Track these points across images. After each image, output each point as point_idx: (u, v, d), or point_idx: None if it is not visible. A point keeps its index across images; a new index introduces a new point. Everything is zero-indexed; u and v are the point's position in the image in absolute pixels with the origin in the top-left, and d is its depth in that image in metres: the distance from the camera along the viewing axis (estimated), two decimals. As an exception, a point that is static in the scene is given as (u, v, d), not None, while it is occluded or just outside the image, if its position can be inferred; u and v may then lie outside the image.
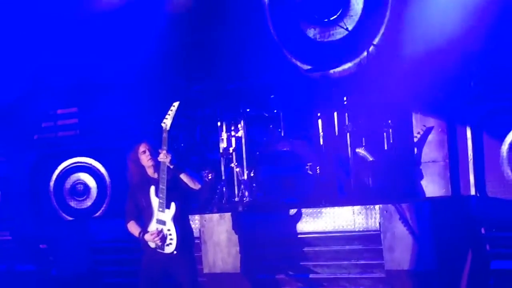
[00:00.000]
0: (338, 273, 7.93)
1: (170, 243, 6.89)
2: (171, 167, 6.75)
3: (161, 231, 6.85)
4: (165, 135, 6.82)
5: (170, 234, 6.86)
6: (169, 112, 6.91)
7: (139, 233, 6.97)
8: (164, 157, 6.74)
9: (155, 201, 6.88)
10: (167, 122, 6.87)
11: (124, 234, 9.03)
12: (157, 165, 6.86)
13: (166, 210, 6.82)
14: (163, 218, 6.85)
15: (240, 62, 10.73)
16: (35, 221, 10.76)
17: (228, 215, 7.91)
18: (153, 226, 6.89)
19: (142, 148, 7.01)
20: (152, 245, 6.93)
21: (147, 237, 6.90)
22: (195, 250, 7.19)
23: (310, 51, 10.50)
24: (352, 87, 9.53)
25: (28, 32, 11.03)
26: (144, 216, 7.02)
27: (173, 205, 6.83)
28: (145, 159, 6.95)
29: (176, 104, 6.93)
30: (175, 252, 6.87)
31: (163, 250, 6.91)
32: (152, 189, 6.88)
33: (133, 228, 7.05)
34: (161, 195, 6.81)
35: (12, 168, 11.16)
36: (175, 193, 6.85)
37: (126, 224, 7.11)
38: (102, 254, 9.53)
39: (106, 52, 10.99)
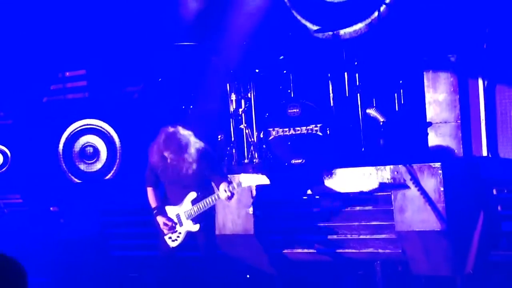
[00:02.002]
0: (348, 235, 7.92)
1: (175, 240, 6.90)
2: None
3: (174, 226, 6.85)
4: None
5: (179, 234, 6.87)
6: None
7: (154, 209, 6.96)
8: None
9: (187, 202, 6.84)
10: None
11: (133, 197, 9.10)
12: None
13: (190, 222, 6.81)
14: (183, 221, 6.84)
15: (248, 23, 10.60)
16: (45, 184, 10.77)
17: (237, 177, 7.87)
18: (171, 213, 6.87)
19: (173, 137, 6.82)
20: (159, 223, 6.93)
21: (158, 218, 6.90)
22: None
23: (319, 11, 10.35)
24: (362, 48, 9.41)
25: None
26: (168, 190, 6.97)
27: (197, 226, 6.84)
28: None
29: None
30: (171, 247, 6.91)
31: (165, 237, 6.91)
32: (192, 195, 6.83)
33: (151, 197, 7.04)
34: (195, 209, 6.80)
35: (21, 131, 11.15)
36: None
37: (146, 186, 7.10)
38: (112, 216, 9.55)
39: (113, 13, 10.90)
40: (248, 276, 8.35)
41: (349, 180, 7.79)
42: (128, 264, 9.29)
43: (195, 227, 6.86)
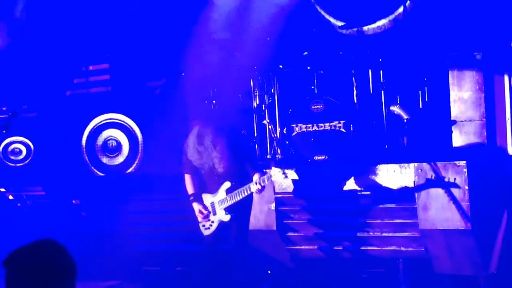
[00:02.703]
0: (370, 232, 7.88)
1: (208, 228, 6.93)
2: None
3: (208, 215, 6.88)
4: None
5: (212, 222, 6.89)
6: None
7: (191, 196, 7.00)
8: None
9: (222, 192, 6.86)
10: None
11: (155, 191, 9.12)
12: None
13: (222, 212, 6.84)
14: (217, 210, 6.86)
15: (272, 19, 10.58)
16: (68, 177, 10.82)
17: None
18: (206, 201, 6.90)
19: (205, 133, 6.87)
20: (195, 210, 6.98)
21: (194, 205, 6.94)
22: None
23: (344, 7, 10.30)
24: (387, 44, 9.35)
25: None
26: (206, 179, 7.00)
27: (228, 217, 6.86)
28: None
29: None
30: (205, 234, 6.94)
31: (199, 224, 6.96)
32: (227, 184, 6.85)
33: (188, 184, 7.10)
34: (228, 199, 6.82)
35: (45, 124, 11.21)
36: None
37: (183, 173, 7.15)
38: (134, 209, 9.56)
39: (138, 7, 10.92)
40: (269, 272, 8.33)
41: (372, 177, 7.75)
42: (149, 258, 9.30)
43: (227, 217, 6.89)
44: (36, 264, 2.68)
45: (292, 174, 6.85)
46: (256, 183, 6.65)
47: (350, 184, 7.88)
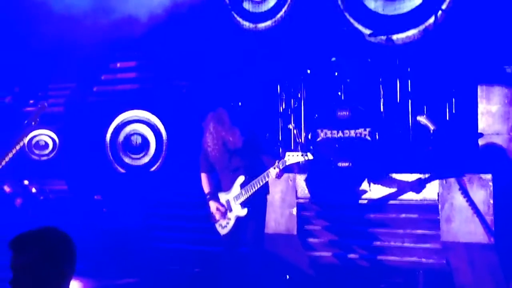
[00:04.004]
0: (392, 241, 7.83)
1: (225, 226, 6.93)
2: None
3: (225, 212, 6.89)
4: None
5: (229, 219, 6.89)
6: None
7: (207, 194, 7.01)
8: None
9: (236, 187, 6.87)
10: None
11: (177, 190, 9.14)
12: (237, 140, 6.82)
13: (238, 207, 6.83)
14: (233, 206, 6.86)
15: (302, 24, 10.58)
16: (91, 173, 10.88)
17: (283, 176, 7.83)
18: (222, 199, 6.91)
19: (226, 117, 6.91)
20: (211, 209, 6.99)
21: (211, 203, 6.95)
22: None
23: (373, 15, 10.27)
24: (416, 54, 9.29)
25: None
26: (221, 178, 7.02)
27: (245, 211, 6.84)
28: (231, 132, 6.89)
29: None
30: (221, 234, 6.92)
31: (216, 223, 6.96)
32: (241, 179, 6.86)
33: (204, 183, 7.11)
34: (243, 193, 6.82)
35: (71, 118, 11.28)
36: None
37: (200, 172, 7.16)
38: (155, 207, 9.60)
39: (166, 9, 10.96)
40: (288, 277, 8.31)
41: (395, 186, 7.70)
42: (167, 257, 9.32)
43: (243, 212, 6.88)
44: (38, 246, 2.92)
45: (307, 156, 6.79)
46: (275, 167, 6.64)
47: (373, 193, 7.84)
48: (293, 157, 6.74)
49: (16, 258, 2.93)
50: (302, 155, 6.71)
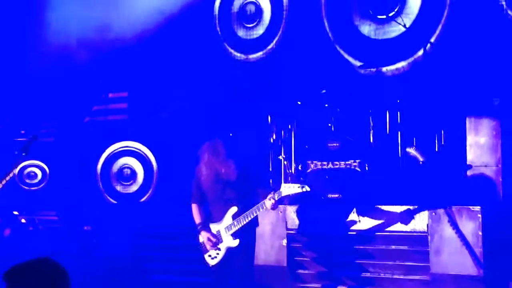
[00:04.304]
0: (381, 273, 7.83)
1: (215, 257, 6.90)
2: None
3: (216, 243, 6.87)
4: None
5: (219, 251, 6.88)
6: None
7: (198, 225, 7.00)
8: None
9: (228, 218, 6.86)
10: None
11: (168, 220, 9.13)
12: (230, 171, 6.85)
13: (230, 238, 6.84)
14: (224, 237, 6.86)
15: (293, 56, 10.70)
16: (81, 203, 10.86)
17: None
18: (214, 229, 6.90)
19: (221, 148, 6.92)
20: (201, 240, 6.96)
21: (203, 234, 6.93)
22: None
23: (363, 48, 10.39)
24: (405, 86, 9.39)
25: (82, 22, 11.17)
26: (212, 208, 7.01)
27: (237, 241, 6.82)
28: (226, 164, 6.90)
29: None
30: (210, 265, 6.92)
31: (205, 254, 6.94)
32: (233, 209, 6.86)
33: (195, 213, 7.07)
34: (236, 224, 6.82)
35: (61, 149, 11.29)
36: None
37: (190, 203, 7.14)
38: (145, 238, 9.57)
39: (157, 40, 11.07)
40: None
41: (385, 218, 7.73)
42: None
43: (235, 242, 6.85)
44: (32, 277, 2.97)
45: (304, 188, 6.79)
46: (270, 199, 6.65)
47: (363, 224, 7.86)
48: (289, 189, 6.74)
49: None
50: (299, 187, 6.72)
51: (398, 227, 7.65)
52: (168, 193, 10.22)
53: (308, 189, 6.73)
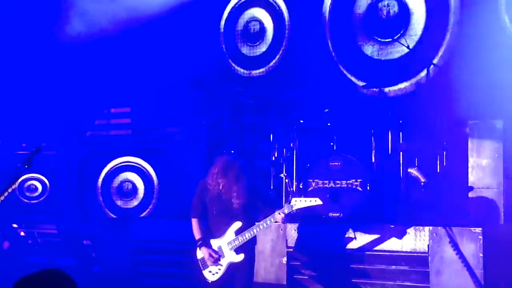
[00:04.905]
0: (381, 293, 7.80)
1: (216, 273, 6.87)
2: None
3: (218, 259, 6.84)
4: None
5: (221, 266, 6.85)
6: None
7: (198, 241, 6.96)
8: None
9: (230, 233, 6.84)
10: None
11: (168, 236, 9.10)
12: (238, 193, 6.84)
13: (233, 253, 6.82)
14: (226, 253, 6.83)
15: (295, 74, 10.74)
16: (81, 217, 10.85)
17: (274, 225, 7.84)
18: (215, 245, 6.88)
19: (233, 169, 6.89)
20: (199, 256, 6.93)
21: (203, 250, 6.89)
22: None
23: (366, 68, 10.44)
24: (408, 107, 9.41)
25: (85, 35, 11.24)
26: (213, 223, 6.99)
27: (241, 256, 6.81)
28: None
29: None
30: (210, 281, 6.88)
31: (205, 270, 6.90)
32: (237, 224, 6.84)
33: (195, 228, 7.03)
34: (240, 239, 6.80)
35: (62, 163, 11.30)
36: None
37: (190, 217, 7.11)
38: (144, 254, 9.54)
39: (159, 55, 11.13)
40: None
41: (386, 238, 7.71)
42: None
43: (239, 257, 6.82)
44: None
45: (315, 201, 6.80)
46: (280, 213, 6.64)
47: (363, 243, 7.84)
48: (300, 202, 6.75)
49: None
50: (310, 200, 6.72)
51: (399, 247, 7.63)
52: (168, 208, 10.20)
53: (320, 202, 6.75)
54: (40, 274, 3.03)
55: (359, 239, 7.86)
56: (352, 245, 7.91)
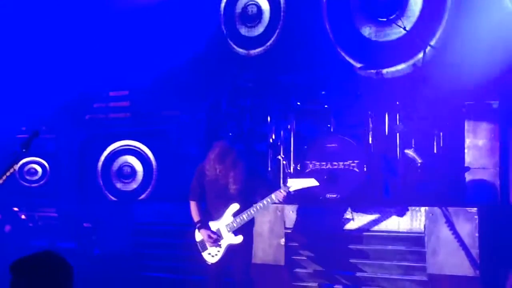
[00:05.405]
0: (378, 273, 7.87)
1: (215, 255, 6.93)
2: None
3: (217, 240, 6.90)
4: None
5: (220, 248, 6.91)
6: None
7: (197, 223, 7.02)
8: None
9: (228, 215, 6.90)
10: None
11: (167, 218, 9.17)
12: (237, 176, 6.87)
13: (232, 235, 6.87)
14: (224, 235, 6.89)
15: (293, 56, 10.77)
16: (81, 200, 10.92)
17: (272, 207, 7.90)
18: (213, 227, 6.94)
19: (229, 155, 6.94)
20: (198, 239, 6.99)
21: (202, 232, 6.95)
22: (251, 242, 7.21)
23: (364, 49, 10.45)
24: (405, 88, 9.42)
25: (83, 18, 11.25)
26: (211, 206, 7.04)
27: (240, 238, 6.86)
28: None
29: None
30: (209, 263, 6.93)
31: (204, 252, 6.96)
32: (234, 206, 6.90)
33: (194, 211, 7.10)
34: (238, 221, 6.86)
35: (62, 146, 11.35)
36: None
37: (189, 200, 7.17)
38: (144, 236, 9.61)
39: (156, 37, 11.15)
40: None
41: (382, 218, 7.78)
42: (157, 285, 9.31)
43: (238, 239, 6.89)
44: (36, 269, 3.04)
45: (312, 182, 6.86)
46: (281, 191, 6.70)
47: (360, 224, 7.91)
48: (297, 183, 6.81)
49: (16, 282, 3.04)
50: (307, 181, 6.78)
51: (395, 227, 7.70)
52: (167, 191, 10.27)
53: (317, 183, 6.81)
54: (36, 256, 3.09)
55: (356, 220, 7.93)
56: (350, 225, 7.97)
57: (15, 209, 11.29)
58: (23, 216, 11.27)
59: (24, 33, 11.56)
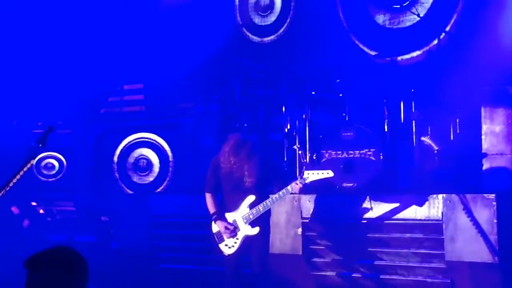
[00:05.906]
0: (396, 261, 7.85)
1: (232, 246, 6.94)
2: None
3: (234, 231, 6.90)
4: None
5: (237, 239, 6.91)
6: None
7: (213, 214, 7.03)
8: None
9: (244, 207, 6.91)
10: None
11: (184, 210, 9.19)
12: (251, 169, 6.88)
13: (248, 226, 6.88)
14: (241, 226, 6.89)
15: (307, 44, 10.74)
16: (98, 194, 10.96)
17: (288, 197, 7.90)
18: (229, 219, 6.94)
19: (244, 148, 6.94)
20: (215, 230, 7.00)
21: (218, 223, 6.96)
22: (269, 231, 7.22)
23: (378, 37, 10.40)
24: (420, 75, 9.37)
25: (97, 13, 11.28)
26: (227, 197, 7.06)
27: (256, 229, 6.87)
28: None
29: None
30: (226, 254, 6.94)
31: (221, 244, 6.97)
32: (250, 198, 6.90)
33: (209, 203, 7.11)
34: (254, 212, 6.87)
35: (78, 140, 11.40)
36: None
37: (204, 192, 7.19)
38: (161, 228, 9.65)
39: (170, 30, 11.16)
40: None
41: (400, 206, 7.75)
42: (174, 277, 9.35)
43: (254, 230, 6.90)
44: (52, 265, 3.02)
45: (327, 173, 6.87)
46: (297, 183, 6.72)
47: (377, 212, 7.88)
48: (313, 175, 6.83)
49: (31, 277, 3.04)
50: (322, 173, 6.79)
51: (413, 215, 7.66)
52: (184, 183, 10.28)
53: (332, 174, 6.81)
54: (50, 251, 3.08)
55: (374, 209, 7.90)
56: (367, 214, 7.95)
57: (33, 203, 11.36)
58: (41, 211, 11.34)
59: (40, 29, 11.60)
